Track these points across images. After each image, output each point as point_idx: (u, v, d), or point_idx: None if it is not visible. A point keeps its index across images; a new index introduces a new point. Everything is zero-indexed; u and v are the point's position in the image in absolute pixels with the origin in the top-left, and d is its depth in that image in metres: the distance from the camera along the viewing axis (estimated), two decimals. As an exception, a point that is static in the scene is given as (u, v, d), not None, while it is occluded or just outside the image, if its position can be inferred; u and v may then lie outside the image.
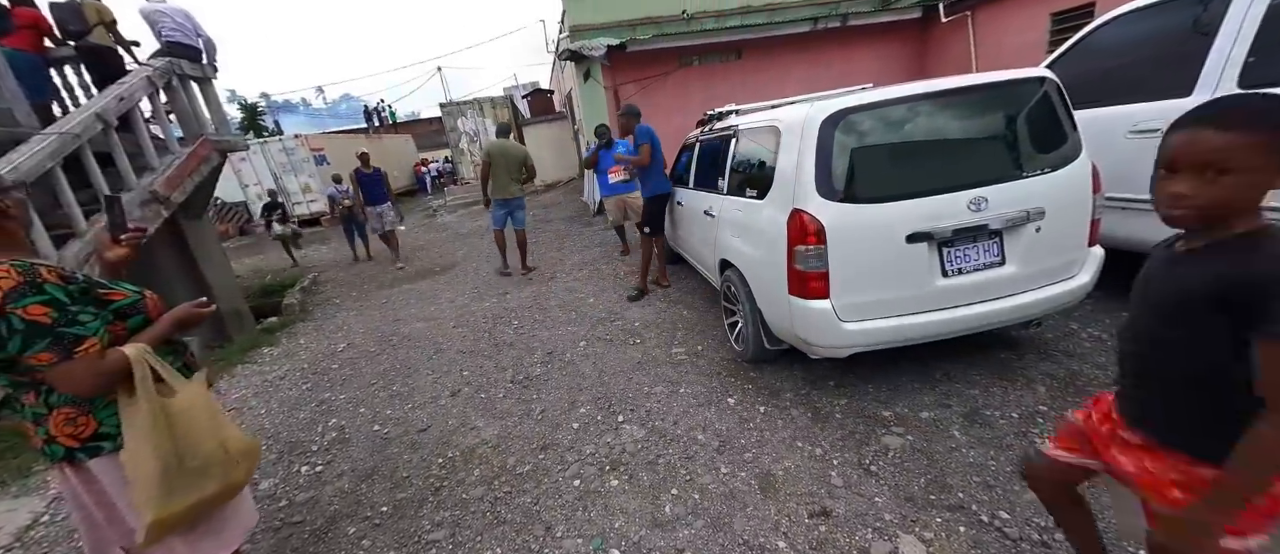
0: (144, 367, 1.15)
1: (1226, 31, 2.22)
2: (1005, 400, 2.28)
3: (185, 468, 1.18)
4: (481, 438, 2.62)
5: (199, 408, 1.24)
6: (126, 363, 1.14)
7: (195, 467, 1.20)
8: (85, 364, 1.10)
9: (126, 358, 1.14)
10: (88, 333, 1.11)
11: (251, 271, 9.18)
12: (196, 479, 1.21)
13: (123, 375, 1.15)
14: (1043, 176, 2.17)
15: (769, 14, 10.05)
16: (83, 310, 1.12)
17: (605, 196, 5.48)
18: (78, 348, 1.09)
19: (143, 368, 1.15)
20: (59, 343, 1.07)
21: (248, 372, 4.13)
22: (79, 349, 1.09)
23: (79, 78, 5.08)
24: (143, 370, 1.14)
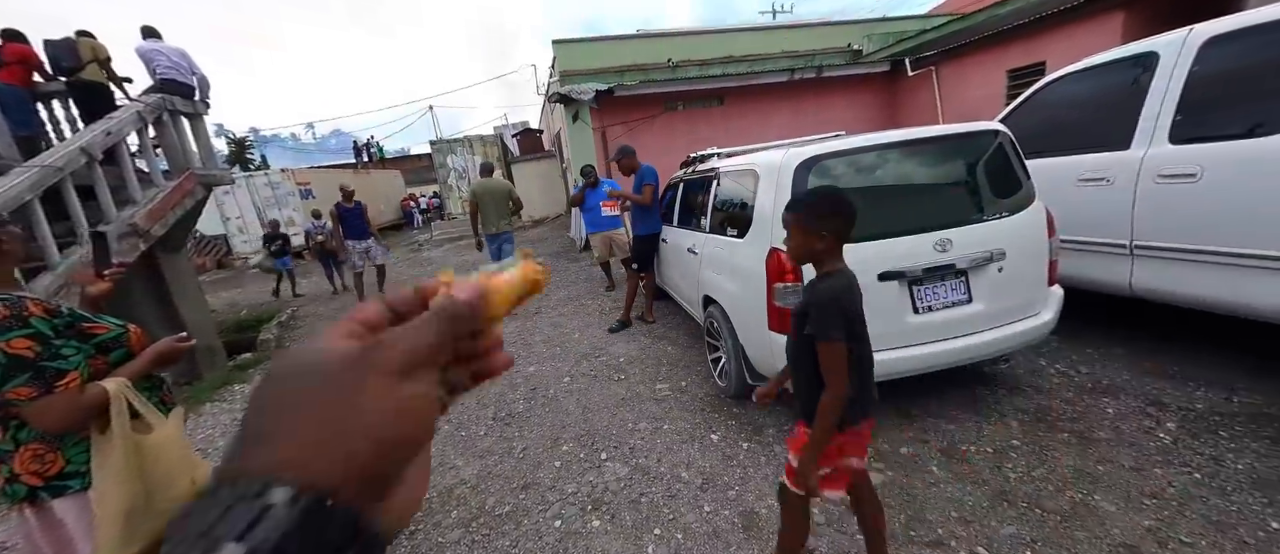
0: (122, 402, 1.14)
1: (1154, 95, 2.46)
2: (980, 435, 2.33)
3: (153, 509, 1.15)
4: (460, 478, 2.56)
5: (173, 445, 1.21)
6: (105, 398, 1.13)
7: (163, 508, 1.17)
8: (64, 399, 1.08)
9: (106, 393, 1.13)
10: (69, 367, 1.10)
11: (227, 306, 8.95)
12: (163, 521, 1.17)
13: (100, 410, 1.13)
14: (1002, 220, 2.32)
15: (749, 64, 10.65)
16: (66, 344, 1.12)
17: (591, 233, 5.58)
18: (58, 382, 1.08)
19: (120, 403, 1.13)
20: (40, 377, 1.06)
21: (217, 410, 3.97)
22: (60, 383, 1.08)
23: (67, 112, 5.09)
24: (120, 406, 1.13)
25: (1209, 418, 2.22)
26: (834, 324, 1.25)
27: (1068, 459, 2.09)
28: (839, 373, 1.25)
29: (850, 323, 1.27)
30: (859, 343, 1.31)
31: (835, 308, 1.26)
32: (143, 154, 4.75)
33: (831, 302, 1.27)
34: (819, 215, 1.32)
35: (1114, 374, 2.67)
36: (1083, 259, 2.83)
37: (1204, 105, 2.30)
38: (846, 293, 1.29)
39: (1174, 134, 2.37)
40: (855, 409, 1.33)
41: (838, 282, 1.30)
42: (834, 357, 1.25)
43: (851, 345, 1.27)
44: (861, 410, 1.36)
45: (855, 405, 1.31)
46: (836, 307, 1.26)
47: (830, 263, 1.33)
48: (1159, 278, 2.50)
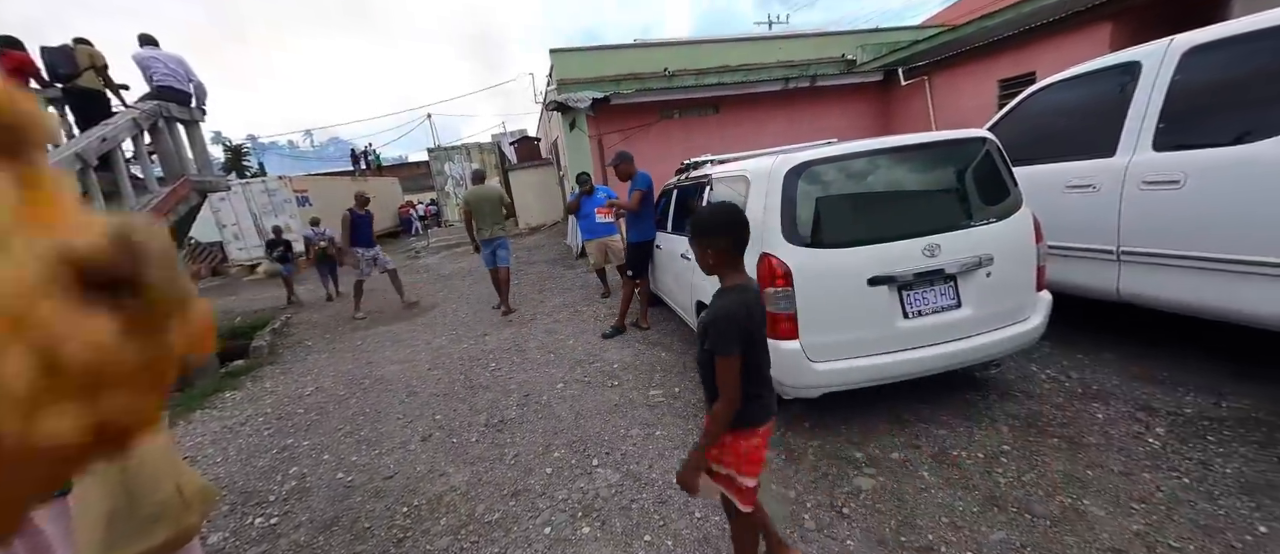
0: None
1: (1137, 103, 2.50)
2: (971, 441, 2.33)
3: (135, 514, 1.13)
4: (450, 485, 2.54)
5: (157, 453, 1.20)
6: None
7: (147, 513, 1.15)
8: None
9: None
10: None
11: (220, 313, 8.90)
12: (147, 526, 1.15)
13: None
14: (989, 225, 2.34)
15: (745, 73, 10.75)
16: None
17: (587, 240, 5.60)
18: None
19: None
20: None
21: (206, 418, 3.94)
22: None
23: (62, 119, 5.09)
24: None
25: (1197, 422, 2.22)
26: (732, 339, 1.31)
27: (1057, 464, 2.09)
28: (731, 384, 1.32)
29: (746, 335, 1.34)
30: (755, 350, 1.38)
31: (730, 324, 1.32)
32: (138, 160, 4.75)
33: (727, 319, 1.33)
34: (705, 232, 1.40)
35: (1104, 379, 2.68)
36: (1071, 265, 2.85)
37: (1186, 113, 2.34)
38: (741, 308, 1.35)
39: (1157, 141, 2.41)
40: (760, 411, 1.42)
41: (733, 298, 1.36)
42: (728, 370, 1.32)
43: (747, 354, 1.33)
44: (764, 412, 1.43)
45: (760, 408, 1.41)
46: (731, 323, 1.32)
47: (729, 276, 1.40)
48: (1145, 283, 2.52)
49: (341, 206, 7.30)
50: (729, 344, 1.31)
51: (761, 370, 1.41)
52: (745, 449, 1.42)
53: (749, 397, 1.35)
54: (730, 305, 1.35)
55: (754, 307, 1.38)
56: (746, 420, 1.38)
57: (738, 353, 1.31)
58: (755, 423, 1.41)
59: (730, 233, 1.38)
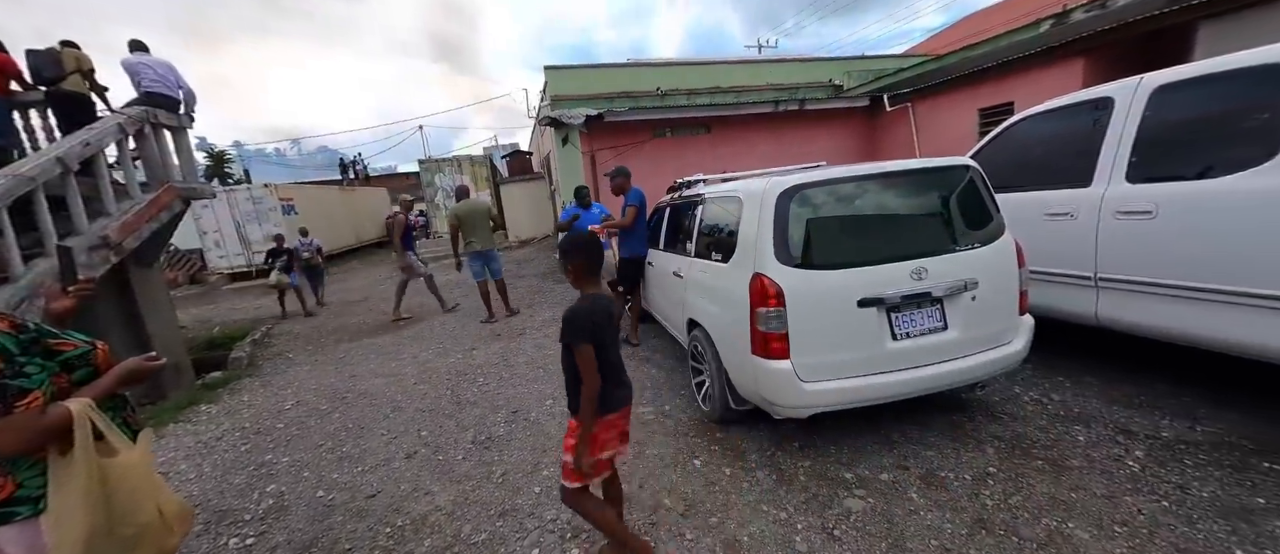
0: (86, 423, 1.09)
1: (1110, 137, 2.62)
2: (959, 462, 2.36)
3: (114, 535, 1.09)
4: (435, 504, 2.48)
5: (140, 471, 1.16)
6: (69, 419, 1.07)
7: (127, 535, 1.11)
8: (24, 419, 1.03)
9: (69, 413, 1.08)
10: (32, 385, 1.05)
11: (198, 322, 8.66)
12: (127, 547, 1.11)
13: (62, 432, 1.08)
14: (974, 250, 2.41)
15: (736, 95, 10.99)
16: (30, 361, 1.07)
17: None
18: (20, 401, 1.03)
19: (84, 425, 1.08)
20: (0, 396, 1.01)
21: (180, 431, 3.80)
22: (21, 403, 1.03)
23: (45, 122, 4.99)
24: (84, 428, 1.08)
25: (1175, 446, 2.28)
26: (581, 333, 1.62)
27: (1042, 487, 2.12)
28: (589, 370, 1.60)
29: (595, 332, 1.63)
30: (603, 350, 1.65)
31: (581, 321, 1.63)
32: (120, 166, 4.65)
33: (581, 316, 1.64)
34: (564, 253, 1.77)
35: (1084, 403, 2.74)
36: (1052, 289, 2.94)
37: (1156, 148, 2.45)
38: (589, 312, 1.66)
39: (1131, 174, 2.52)
40: (607, 399, 1.69)
41: (583, 304, 1.68)
42: (584, 358, 1.61)
43: (598, 351, 1.62)
44: (609, 403, 1.70)
45: (606, 397, 1.68)
46: (583, 319, 1.63)
47: (586, 289, 1.75)
48: (1122, 309, 2.61)
49: (328, 216, 7.24)
50: (580, 336, 1.61)
51: (608, 367, 1.68)
52: (601, 430, 1.70)
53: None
54: (582, 307, 1.67)
55: (602, 313, 1.68)
56: (602, 408, 1.67)
57: (589, 343, 1.60)
58: (600, 411, 1.68)
59: (588, 256, 1.76)
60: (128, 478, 1.13)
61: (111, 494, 1.10)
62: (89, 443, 1.08)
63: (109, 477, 1.11)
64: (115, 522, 1.09)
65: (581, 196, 5.28)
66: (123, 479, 1.12)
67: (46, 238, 3.65)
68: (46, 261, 3.55)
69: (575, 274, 1.76)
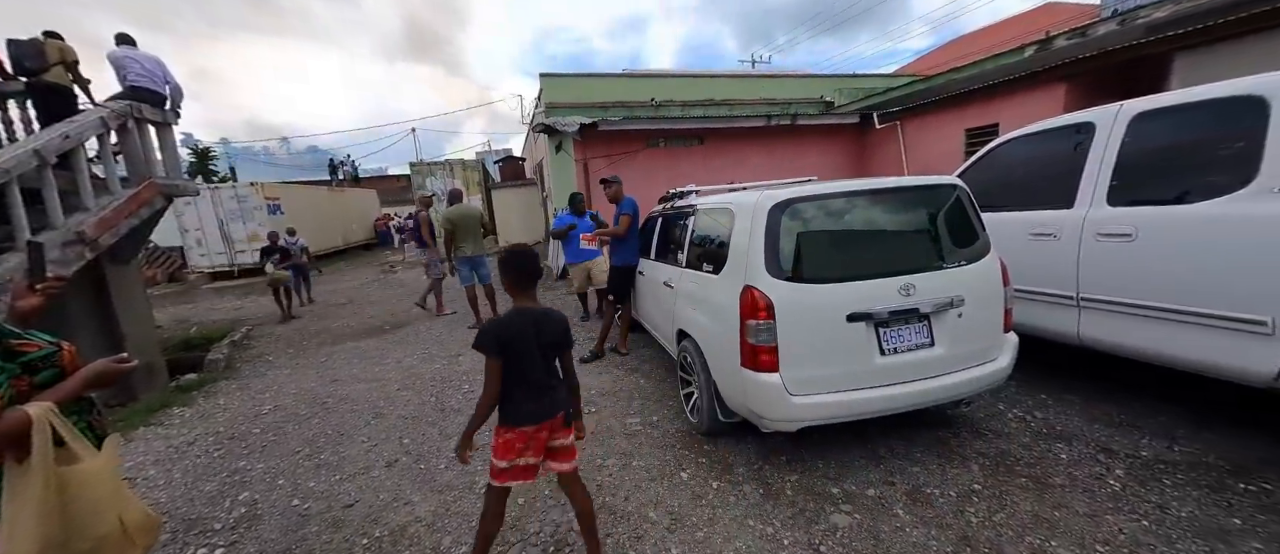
0: (46, 429, 1.03)
1: (1092, 161, 2.69)
2: (944, 478, 2.36)
3: (70, 548, 1.03)
4: (415, 515, 2.42)
5: (102, 480, 1.10)
6: (27, 424, 1.02)
7: (84, 549, 1.05)
8: None
9: (28, 418, 1.02)
10: None
11: (175, 322, 8.43)
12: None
13: (19, 438, 1.02)
14: (961, 268, 2.44)
15: (729, 108, 11.12)
16: None
17: (571, 263, 5.58)
18: None
19: (44, 431, 1.02)
20: None
21: (151, 435, 3.68)
22: None
23: (23, 113, 4.86)
24: (44, 434, 1.02)
25: (1154, 466, 2.32)
26: (488, 343, 1.63)
27: (1026, 505, 2.13)
28: (487, 380, 1.65)
29: (504, 345, 1.64)
30: (516, 362, 1.66)
31: (493, 331, 1.66)
32: (101, 160, 4.54)
33: (494, 326, 1.68)
34: (500, 265, 1.78)
35: (1067, 421, 2.78)
36: (1035, 308, 2.99)
37: (1136, 172, 2.52)
38: (505, 324, 1.69)
39: (1111, 197, 2.58)
40: (515, 413, 1.70)
41: (506, 316, 1.72)
42: (486, 367, 1.64)
43: (509, 364, 1.65)
44: (517, 416, 1.70)
45: (514, 410, 1.69)
46: (495, 330, 1.66)
47: (518, 300, 1.76)
48: (1103, 329, 2.66)
49: (315, 216, 7.15)
50: (486, 346, 1.63)
51: (522, 381, 1.69)
52: (500, 439, 1.72)
53: (510, 400, 1.68)
54: (502, 318, 1.72)
55: (523, 326, 1.69)
56: (503, 418, 1.71)
57: (495, 355, 1.62)
58: (508, 422, 1.71)
59: (521, 268, 1.76)
60: (88, 487, 1.07)
61: (69, 505, 1.04)
62: (48, 450, 1.03)
63: (68, 486, 1.05)
64: (72, 534, 1.04)
65: (576, 204, 5.27)
66: (83, 489, 1.06)
67: (19, 232, 3.53)
68: (17, 257, 3.43)
69: (507, 285, 1.78)
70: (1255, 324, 2.05)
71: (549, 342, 1.72)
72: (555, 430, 1.76)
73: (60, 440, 1.08)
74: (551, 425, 1.74)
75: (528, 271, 1.76)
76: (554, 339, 1.74)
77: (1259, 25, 4.41)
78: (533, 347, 1.68)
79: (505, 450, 1.70)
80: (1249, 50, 4.52)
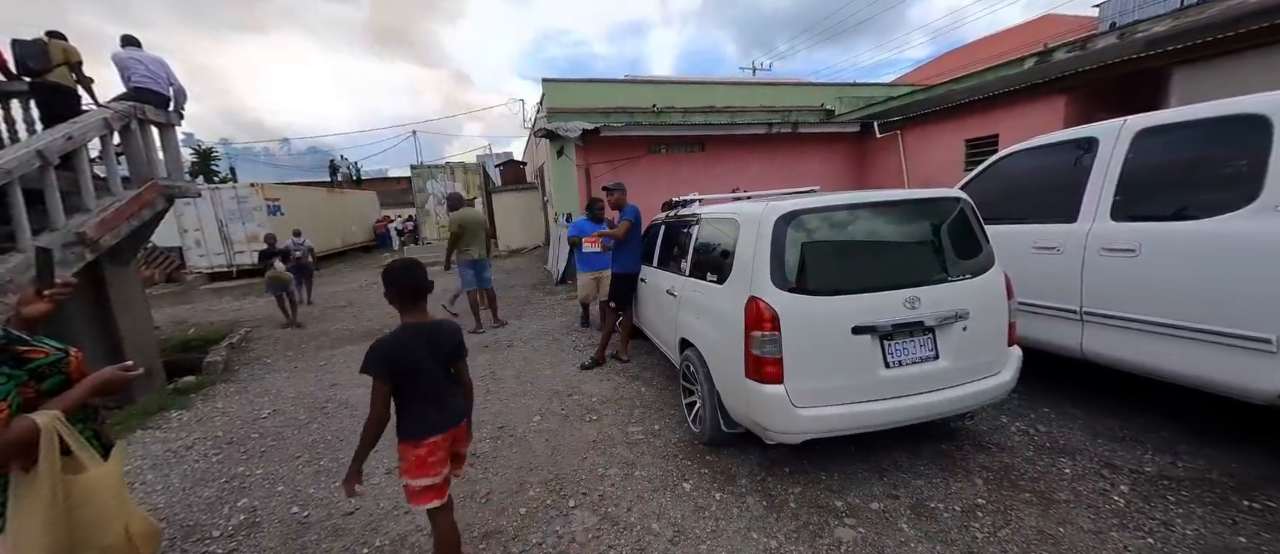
0: (53, 438, 1.02)
1: (1095, 175, 2.70)
2: (948, 492, 2.35)
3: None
4: (416, 524, 2.40)
5: (107, 488, 1.09)
6: (35, 433, 1.01)
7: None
8: None
9: (36, 427, 1.01)
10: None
11: (173, 323, 8.39)
12: None
13: (27, 447, 1.01)
14: (965, 281, 2.44)
15: (730, 115, 11.17)
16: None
17: (583, 271, 5.39)
18: None
19: (51, 440, 1.02)
20: None
21: (149, 438, 3.65)
22: None
23: (25, 113, 4.85)
24: (51, 442, 1.02)
25: (1158, 482, 2.31)
26: (374, 363, 1.61)
27: (1031, 520, 2.12)
28: (373, 401, 1.61)
29: (391, 363, 1.63)
30: (409, 379, 1.66)
31: (379, 351, 1.62)
32: (103, 161, 4.53)
33: (380, 347, 1.64)
34: (385, 280, 1.73)
35: (1070, 435, 2.77)
36: (1038, 321, 2.99)
37: (1140, 188, 2.53)
38: (398, 344, 1.66)
39: (1115, 212, 2.59)
40: (421, 426, 1.69)
41: (396, 333, 1.69)
42: (373, 390, 1.62)
43: (399, 382, 1.64)
44: (424, 428, 1.69)
45: (420, 423, 1.68)
46: (380, 351, 1.63)
47: (405, 315, 1.72)
48: (1107, 343, 2.66)
49: (315, 218, 7.14)
50: (373, 367, 1.61)
51: (421, 396, 1.69)
52: (412, 457, 1.67)
53: (410, 415, 1.67)
54: (389, 338, 1.67)
55: (416, 342, 1.68)
56: (408, 434, 1.68)
57: (382, 375, 1.60)
58: (416, 436, 1.67)
59: (402, 282, 1.71)
60: (94, 496, 1.07)
61: (75, 513, 1.03)
62: (55, 460, 1.02)
63: (74, 495, 1.04)
64: (77, 543, 1.03)
65: (595, 211, 5.05)
66: (88, 498, 1.06)
67: (20, 232, 3.52)
68: (18, 257, 3.42)
69: (391, 300, 1.73)
70: (1259, 342, 2.05)
71: (445, 353, 1.74)
72: (458, 438, 1.80)
73: (67, 449, 1.07)
74: (455, 433, 1.77)
75: (411, 286, 1.72)
76: (449, 350, 1.75)
77: (1258, 41, 4.45)
78: (428, 359, 1.68)
79: (420, 468, 1.67)
80: (1247, 65, 4.56)
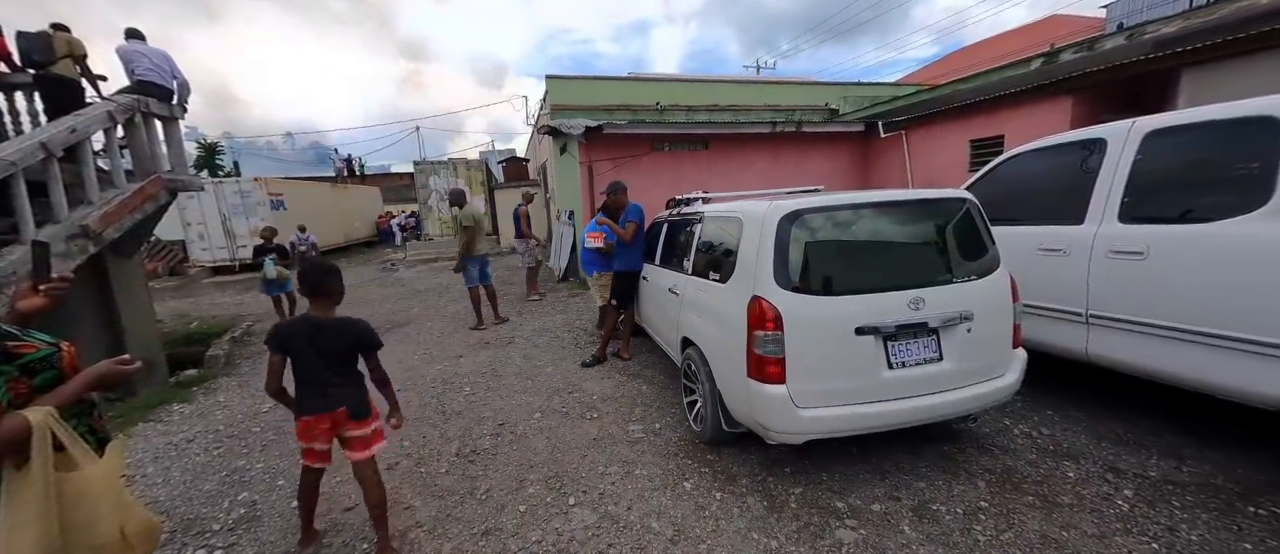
0: (46, 436, 1.01)
1: (1103, 177, 2.67)
2: (950, 495, 2.34)
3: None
4: (416, 520, 2.40)
5: (103, 487, 1.08)
6: (26, 430, 0.99)
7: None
8: None
9: (28, 424, 1.00)
10: None
11: (175, 316, 8.41)
12: None
13: (18, 445, 0.99)
14: (970, 283, 2.42)
15: (734, 113, 11.13)
16: None
17: (600, 272, 4.89)
18: None
19: (44, 437, 1.00)
20: None
21: (150, 431, 3.65)
22: None
23: (30, 105, 4.85)
24: (44, 440, 1.00)
25: (1162, 486, 2.29)
26: (270, 341, 1.97)
27: (1033, 523, 2.11)
28: (268, 370, 1.95)
29: (282, 344, 1.96)
30: (294, 363, 1.96)
31: (276, 331, 1.99)
32: (107, 153, 4.53)
33: (279, 327, 2.02)
34: (300, 276, 2.05)
35: (1073, 438, 2.75)
36: (1043, 324, 2.96)
37: (1149, 190, 2.51)
38: (288, 327, 2.02)
39: (1123, 214, 2.56)
40: (298, 406, 2.00)
41: (292, 320, 2.01)
42: (269, 361, 1.96)
43: (291, 362, 1.95)
44: (299, 408, 2.00)
45: (298, 404, 1.99)
46: (278, 330, 1.99)
47: (313, 308, 2.03)
48: (1112, 346, 2.64)
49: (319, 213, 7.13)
50: (268, 343, 1.97)
51: (301, 380, 1.98)
52: (297, 426, 2.02)
53: (297, 393, 1.98)
54: (289, 321, 2.02)
55: (300, 332, 1.96)
56: (295, 409, 2.00)
57: (275, 352, 1.94)
58: (297, 412, 2.00)
59: (307, 280, 2.05)
60: (88, 494, 1.05)
61: (68, 511, 1.02)
62: (48, 457, 1.00)
63: (67, 492, 1.03)
64: (71, 541, 1.01)
65: (615, 193, 4.59)
66: (82, 495, 1.04)
67: (23, 224, 3.52)
68: (21, 249, 3.42)
69: (303, 292, 2.04)
70: (1269, 346, 2.03)
71: (328, 350, 1.96)
72: (339, 423, 2.00)
73: (60, 445, 1.06)
74: (333, 419, 1.99)
75: (312, 285, 2.02)
76: (334, 347, 1.97)
77: (1269, 43, 4.40)
78: (307, 349, 1.94)
79: (301, 435, 2.02)
80: (1258, 67, 4.50)
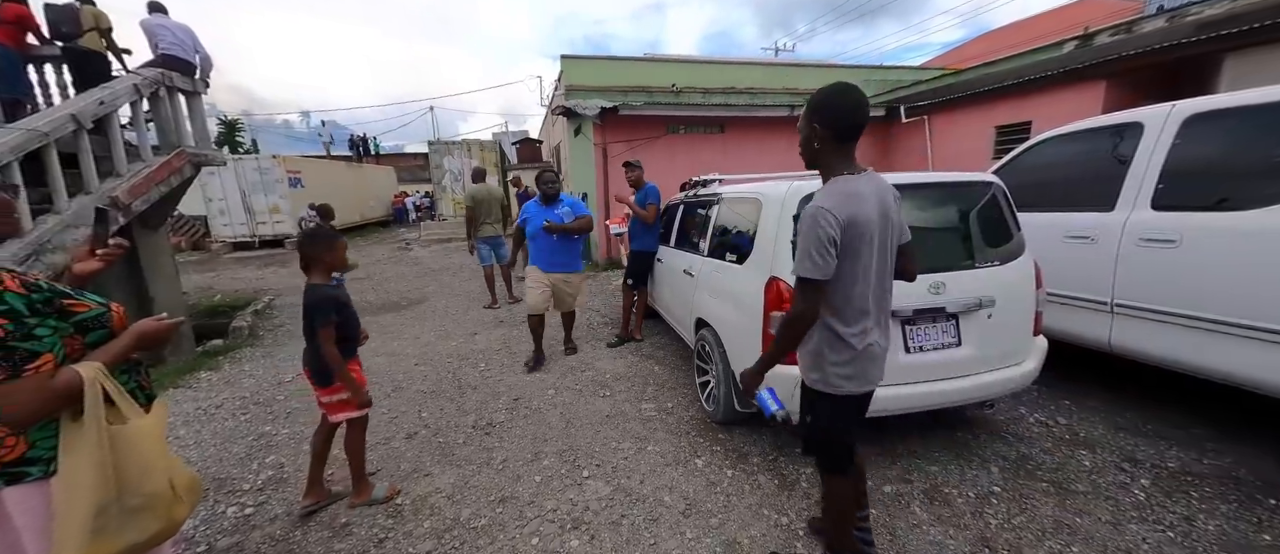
0: (97, 389, 1.06)
1: (1138, 162, 2.59)
2: (962, 479, 2.35)
3: (124, 506, 1.07)
4: (435, 486, 2.47)
5: (150, 438, 1.14)
6: (79, 384, 1.05)
7: (135, 505, 1.09)
8: (33, 384, 1.00)
9: (80, 378, 1.05)
10: (42, 349, 1.02)
11: (199, 289, 8.65)
12: (134, 518, 1.09)
13: (72, 398, 1.05)
14: (993, 268, 2.38)
15: (750, 96, 10.92)
16: (41, 323, 1.04)
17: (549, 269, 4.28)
18: (28, 365, 1.00)
19: (95, 391, 1.05)
20: (8, 359, 0.98)
21: (181, 397, 3.80)
22: (29, 367, 1.00)
23: (59, 78, 4.96)
24: (94, 393, 1.05)
25: (1181, 477, 2.27)
26: (328, 312, 2.08)
27: (1046, 509, 2.11)
28: (325, 339, 2.09)
29: (339, 310, 2.13)
30: (342, 322, 2.16)
31: (324, 303, 2.08)
32: (133, 127, 4.63)
33: (319, 299, 2.09)
34: (298, 246, 2.20)
35: (1090, 427, 2.73)
36: (1065, 312, 2.92)
37: (1185, 176, 2.42)
38: (312, 294, 2.11)
39: (1156, 201, 2.49)
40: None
41: (319, 289, 2.11)
42: (324, 337, 2.09)
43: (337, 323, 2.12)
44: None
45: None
46: (324, 301, 2.09)
47: (312, 276, 2.16)
48: (1137, 336, 2.59)
49: (336, 192, 7.22)
50: (326, 316, 2.07)
51: (344, 330, 2.19)
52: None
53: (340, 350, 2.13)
54: (317, 291, 2.10)
55: (325, 297, 2.10)
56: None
57: (333, 320, 2.08)
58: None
59: (315, 250, 2.15)
60: (137, 446, 1.11)
61: (120, 462, 1.07)
62: (99, 409, 1.06)
63: (118, 444, 1.08)
64: (124, 490, 1.07)
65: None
66: (133, 447, 1.10)
67: (57, 195, 3.63)
68: (55, 218, 3.53)
69: (308, 264, 2.16)
70: (1302, 339, 1.98)
71: (306, 314, 2.12)
72: (313, 384, 2.21)
73: (109, 400, 1.11)
74: (309, 377, 2.22)
75: (300, 251, 2.18)
76: (307, 314, 2.12)
77: (1322, 26, 4.18)
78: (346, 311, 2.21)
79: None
80: (1308, 52, 4.29)
